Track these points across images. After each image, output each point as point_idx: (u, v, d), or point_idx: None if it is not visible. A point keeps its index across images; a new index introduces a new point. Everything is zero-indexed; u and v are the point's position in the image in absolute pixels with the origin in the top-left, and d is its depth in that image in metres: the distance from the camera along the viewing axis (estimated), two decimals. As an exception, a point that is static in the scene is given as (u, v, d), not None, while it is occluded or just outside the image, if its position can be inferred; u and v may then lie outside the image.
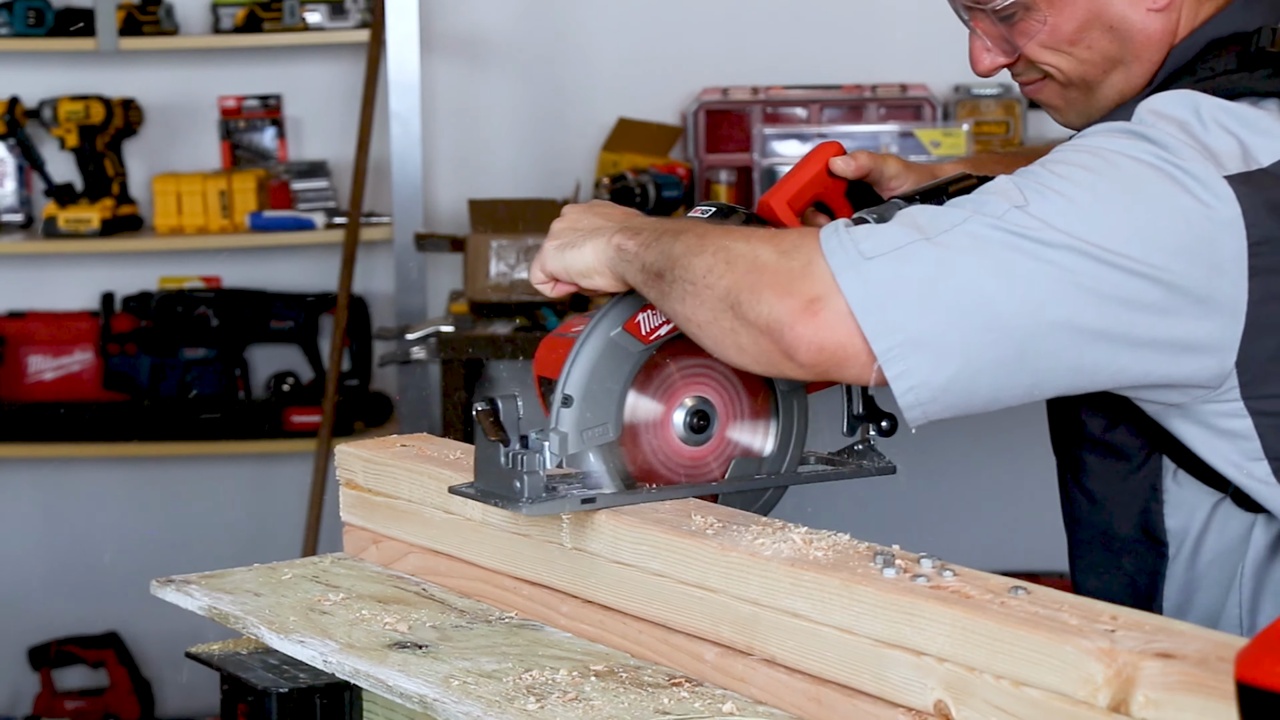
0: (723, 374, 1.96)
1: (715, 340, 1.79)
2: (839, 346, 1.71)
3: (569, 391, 1.87)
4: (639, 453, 1.93)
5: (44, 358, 5.03)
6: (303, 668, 1.91)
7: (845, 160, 2.04)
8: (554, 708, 1.68)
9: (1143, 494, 1.92)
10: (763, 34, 4.97)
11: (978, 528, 5.01)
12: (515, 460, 1.84)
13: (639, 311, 1.90)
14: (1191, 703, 1.38)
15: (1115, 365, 1.75)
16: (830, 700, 1.64)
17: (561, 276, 1.93)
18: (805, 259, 1.73)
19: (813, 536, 1.75)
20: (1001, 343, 1.71)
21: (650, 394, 1.94)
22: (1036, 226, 1.70)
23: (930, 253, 1.71)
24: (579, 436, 1.87)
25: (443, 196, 5.00)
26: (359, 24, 4.86)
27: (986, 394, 1.74)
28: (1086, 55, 1.92)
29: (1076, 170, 1.74)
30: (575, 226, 1.94)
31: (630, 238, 1.86)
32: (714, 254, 1.77)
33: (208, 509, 5.11)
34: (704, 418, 1.96)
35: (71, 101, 4.83)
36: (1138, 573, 1.92)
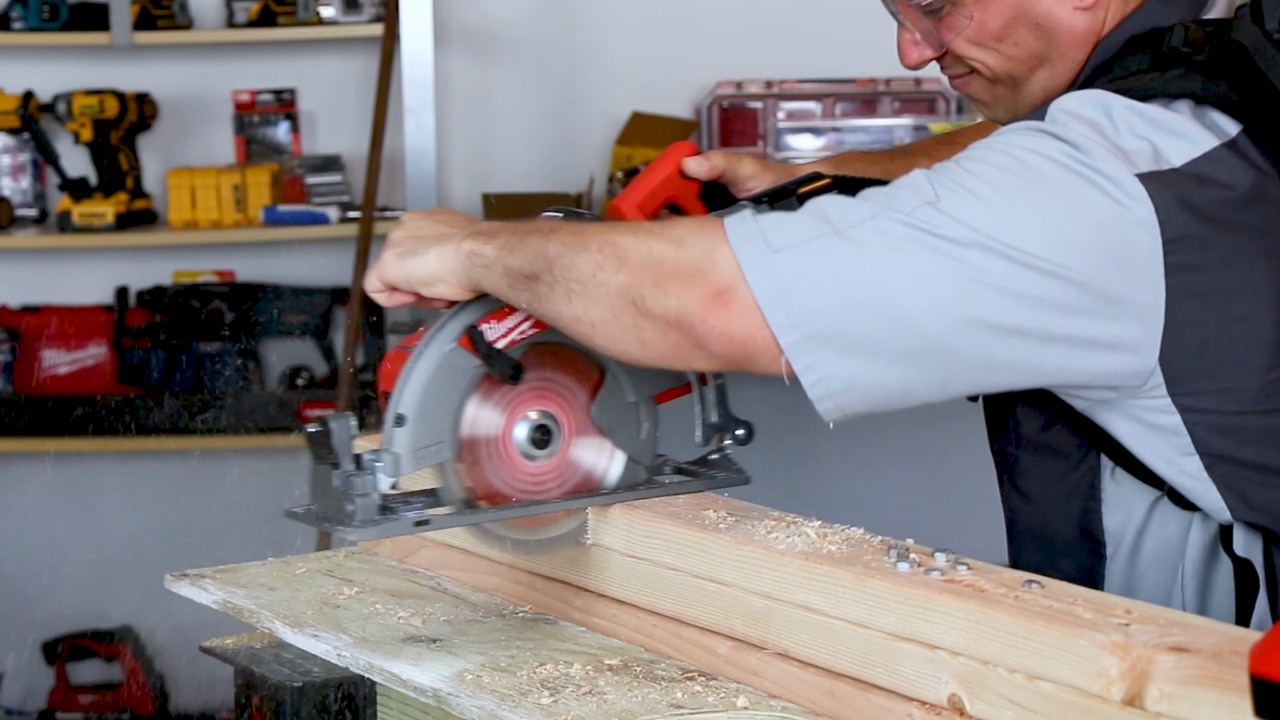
0: (565, 386, 1.91)
1: (611, 338, 1.74)
2: (749, 338, 1.69)
3: (401, 410, 1.81)
4: (478, 468, 1.87)
5: (58, 352, 5.04)
6: (317, 662, 1.91)
7: (698, 161, 2.02)
8: (568, 702, 1.68)
9: (1081, 493, 1.90)
10: (777, 28, 4.97)
11: (991, 522, 4.99)
12: (348, 483, 1.80)
13: (476, 324, 1.83)
14: (1205, 696, 1.38)
15: (1030, 361, 1.73)
16: (844, 694, 1.64)
17: (401, 285, 1.87)
18: (706, 248, 1.70)
19: (826, 530, 1.75)
20: (909, 338, 1.69)
21: (491, 408, 1.87)
22: (946, 224, 1.69)
23: (839, 247, 1.69)
24: (413, 456, 1.80)
25: (457, 190, 5.00)
26: (373, 18, 4.86)
27: (898, 388, 1.72)
28: (1013, 52, 1.91)
29: (989, 169, 1.73)
30: (416, 234, 1.89)
31: (485, 242, 1.81)
32: (599, 250, 1.73)
33: (222, 503, 5.11)
34: (546, 432, 1.89)
35: (86, 96, 4.83)
36: (1076, 573, 1.90)
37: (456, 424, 1.83)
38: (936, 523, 4.89)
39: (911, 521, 2.78)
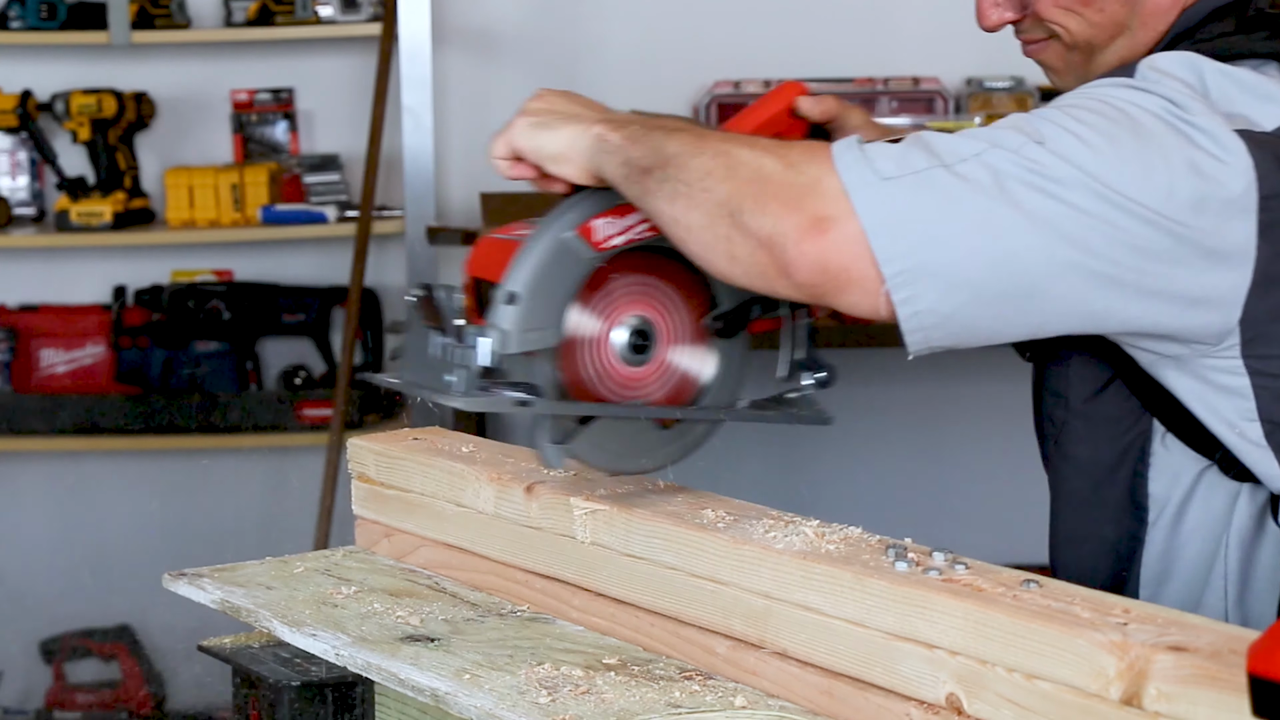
0: (667, 295, 1.88)
1: (704, 246, 1.72)
2: (842, 269, 1.66)
3: (514, 288, 1.76)
4: (574, 366, 1.84)
5: (56, 351, 5.04)
6: (315, 661, 1.91)
7: (812, 101, 1.99)
8: (565, 701, 1.68)
9: (1130, 458, 1.89)
10: (775, 26, 4.97)
11: (990, 521, 5.00)
12: (449, 352, 1.76)
13: (595, 216, 1.81)
14: (1204, 696, 1.38)
15: (1124, 313, 1.73)
16: (842, 693, 1.64)
17: (529, 156, 1.84)
18: (815, 174, 1.67)
19: (825, 530, 1.75)
20: (1013, 278, 1.68)
21: (593, 308, 1.85)
22: (1054, 163, 1.67)
23: (947, 180, 1.67)
24: (520, 336, 1.76)
25: (455, 190, 5.00)
26: (371, 17, 4.86)
27: (989, 327, 1.71)
28: (1097, 18, 1.91)
29: (1093, 115, 1.71)
30: (553, 109, 1.87)
31: (614, 130, 1.78)
32: (714, 157, 1.71)
33: (220, 502, 5.12)
34: (645, 337, 1.87)
35: (84, 95, 4.83)
36: (1117, 540, 1.90)
37: (563, 312, 1.80)
38: (935, 522, 4.89)
39: (910, 521, 2.79)
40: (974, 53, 4.92)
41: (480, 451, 2.12)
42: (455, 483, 2.06)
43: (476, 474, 2.03)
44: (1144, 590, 1.90)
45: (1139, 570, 1.91)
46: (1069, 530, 1.96)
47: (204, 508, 5.12)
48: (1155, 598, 1.89)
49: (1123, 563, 1.90)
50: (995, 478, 4.95)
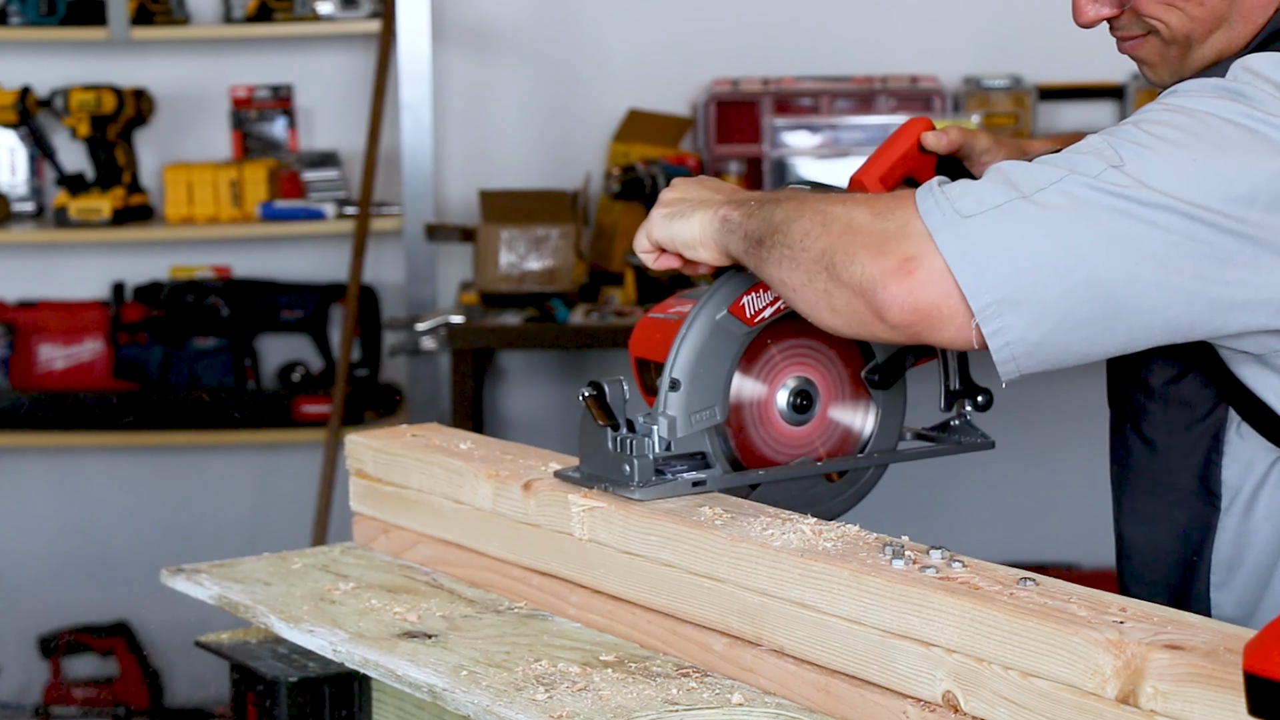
0: (824, 354, 2.00)
1: (810, 303, 1.79)
2: (933, 306, 1.71)
3: (676, 375, 1.88)
4: (743, 434, 1.96)
5: (54, 347, 5.04)
6: (312, 657, 1.91)
7: (936, 135, 2.04)
8: (562, 698, 1.68)
9: (1204, 444, 1.91)
10: (773, 25, 4.97)
11: (986, 519, 5.01)
12: (624, 445, 1.87)
13: (744, 294, 1.91)
14: (1200, 694, 1.38)
15: (1211, 324, 1.75)
16: (839, 691, 1.64)
17: (667, 246, 1.94)
18: (901, 220, 1.73)
19: (822, 527, 1.75)
20: (1098, 301, 1.71)
21: (754, 375, 1.96)
22: (1133, 185, 1.70)
23: (1027, 211, 1.71)
24: (687, 419, 1.88)
25: (453, 187, 5.00)
26: (370, 14, 4.86)
27: (1080, 350, 1.75)
28: (1197, 12, 1.90)
29: (1170, 130, 1.73)
30: (685, 197, 1.95)
31: (735, 209, 1.87)
32: (811, 217, 1.78)
33: (218, 498, 5.12)
34: (806, 397, 1.98)
35: (83, 91, 4.83)
36: (1190, 524, 1.93)
37: (727, 390, 1.91)
38: (932, 520, 4.89)
39: (907, 519, 2.79)
40: (972, 51, 4.92)
41: (478, 448, 2.12)
42: (453, 479, 2.06)
43: (474, 471, 2.03)
44: (1215, 575, 1.93)
45: (1210, 555, 1.93)
46: (1141, 511, 1.98)
47: (202, 504, 5.12)
48: (1226, 583, 1.92)
49: (1193, 547, 1.93)
50: (993, 476, 4.95)
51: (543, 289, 4.42)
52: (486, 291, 4.44)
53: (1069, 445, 4.85)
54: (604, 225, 4.73)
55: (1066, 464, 4.88)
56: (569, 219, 4.47)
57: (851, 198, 1.82)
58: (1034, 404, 4.81)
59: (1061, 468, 4.90)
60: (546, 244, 4.41)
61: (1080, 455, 4.89)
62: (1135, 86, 4.79)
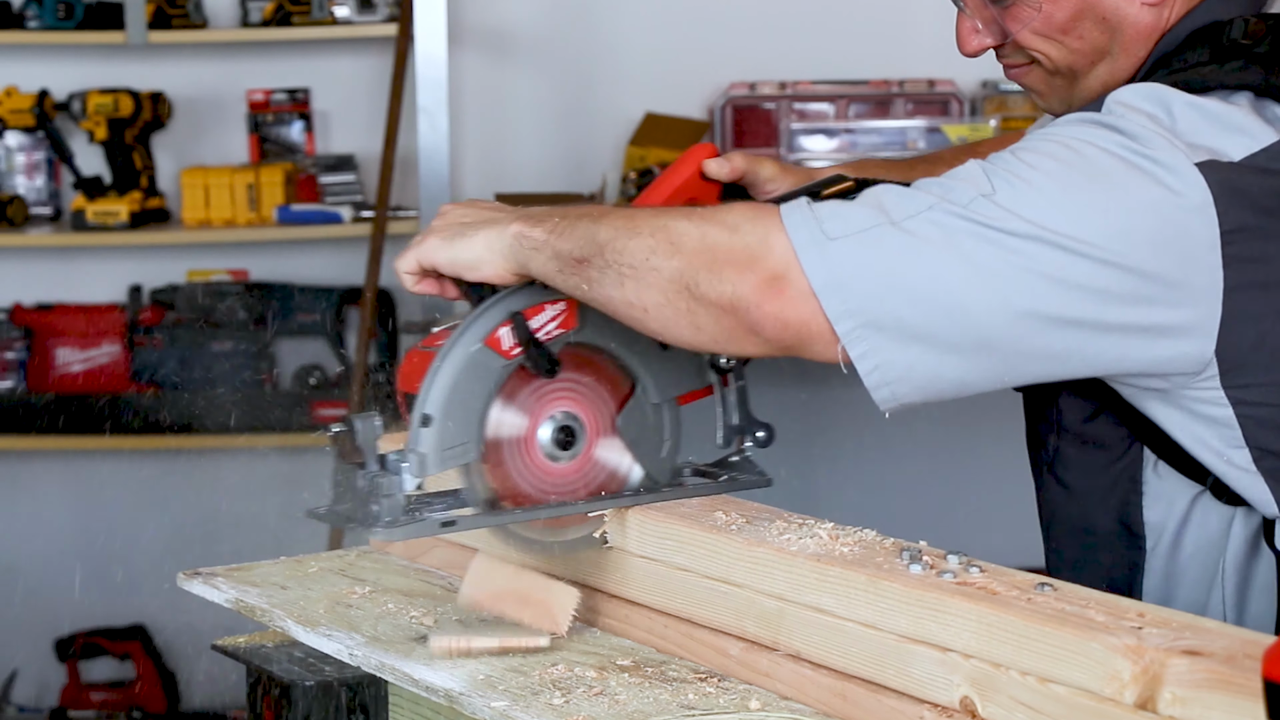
0: (588, 388, 1.92)
1: (664, 323, 1.75)
2: (802, 324, 1.69)
3: (428, 411, 1.80)
4: (502, 469, 1.87)
5: (72, 350, 5.04)
6: (329, 661, 1.91)
7: (719, 162, 2.01)
8: (579, 702, 1.68)
9: (1122, 486, 1.90)
10: (790, 29, 4.97)
11: (1004, 524, 4.99)
12: (374, 483, 1.80)
13: (499, 326, 1.83)
14: (1218, 700, 1.38)
15: (1088, 352, 1.74)
16: (855, 696, 1.64)
17: (446, 269, 1.87)
18: (761, 234, 1.71)
19: (839, 532, 1.75)
20: (966, 330, 1.70)
21: (515, 409, 1.87)
22: (1003, 216, 1.69)
23: (895, 238, 1.69)
24: (439, 457, 1.80)
25: (470, 191, 5.00)
26: (387, 18, 4.86)
27: (954, 378, 1.72)
28: (1077, 45, 1.90)
29: (1045, 160, 1.73)
30: (461, 221, 1.89)
31: (534, 225, 1.81)
32: (652, 235, 1.74)
33: (234, 502, 5.12)
34: (570, 434, 1.90)
35: (100, 94, 4.84)
36: (1114, 567, 1.91)
37: (482, 425, 1.83)
38: (949, 525, 4.89)
39: (924, 523, 2.78)
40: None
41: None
42: (470, 483, 2.06)
43: (491, 475, 2.03)
44: None
45: (1139, 596, 1.91)
46: (1066, 557, 1.97)
47: (218, 507, 5.12)
48: None
49: (1121, 590, 1.90)
50: (1010, 481, 4.93)
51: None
52: (503, 295, 4.43)
53: (1086, 449, 4.85)
54: (620, 229, 4.73)
55: (1083, 468, 4.87)
56: (585, 223, 4.46)
57: (694, 212, 1.77)
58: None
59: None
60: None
61: (1097, 459, 4.89)
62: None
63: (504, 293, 1.84)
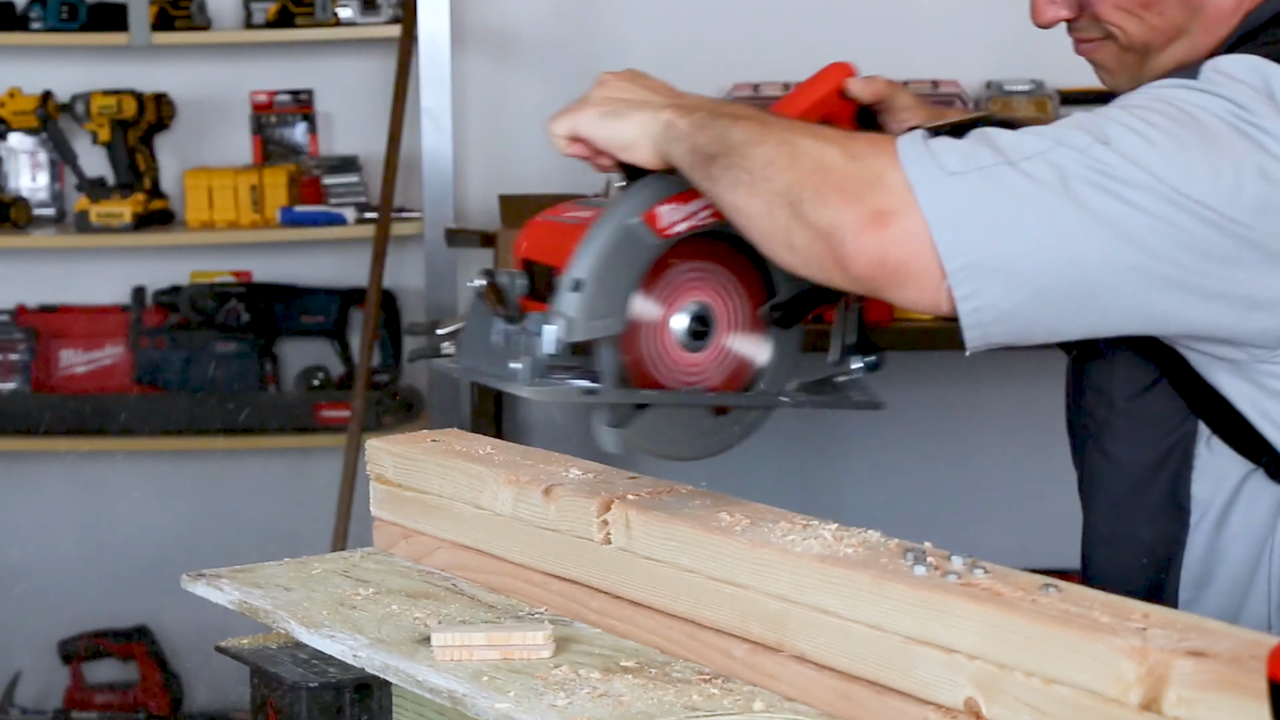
0: (727, 282, 1.89)
1: (764, 234, 1.73)
2: (901, 263, 1.66)
3: (580, 275, 1.76)
4: (635, 353, 1.85)
5: (75, 351, 5.05)
6: (332, 662, 1.91)
7: (861, 82, 1.98)
8: (583, 703, 1.68)
9: (1173, 459, 1.89)
10: (794, 28, 4.97)
11: (1009, 525, 5.00)
12: (513, 340, 1.77)
13: (659, 203, 1.81)
14: (1224, 701, 1.38)
15: (1185, 316, 1.72)
16: (860, 697, 1.64)
17: (600, 144, 1.85)
18: (879, 168, 1.67)
19: (843, 533, 1.75)
20: (1074, 278, 1.67)
21: (653, 294, 1.85)
22: (1120, 164, 1.67)
23: (1013, 178, 1.66)
24: (586, 323, 1.76)
25: (473, 191, 5.01)
26: (390, 19, 4.86)
27: (1049, 325, 1.71)
28: (1157, 21, 1.89)
29: (1157, 116, 1.70)
30: (620, 96, 1.87)
31: (683, 115, 1.79)
32: (777, 146, 1.71)
33: (238, 503, 5.12)
34: (704, 324, 1.88)
35: (104, 96, 4.84)
36: (1156, 542, 1.89)
37: (628, 299, 1.81)
38: (953, 526, 4.89)
39: (928, 525, 2.78)
40: (993, 55, 4.91)
41: (498, 453, 2.12)
42: (473, 485, 2.06)
43: (495, 476, 2.03)
44: (1183, 593, 1.90)
45: (1178, 573, 1.90)
46: (1105, 531, 1.95)
47: (222, 509, 5.12)
48: (1194, 601, 1.89)
49: (1160, 566, 1.90)
50: (1015, 482, 4.95)
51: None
52: (507, 296, 4.43)
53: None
54: (624, 230, 4.73)
55: (1088, 469, 4.87)
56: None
57: (822, 132, 1.75)
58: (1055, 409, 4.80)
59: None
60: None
61: (1101, 460, 4.89)
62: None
63: (662, 171, 1.82)
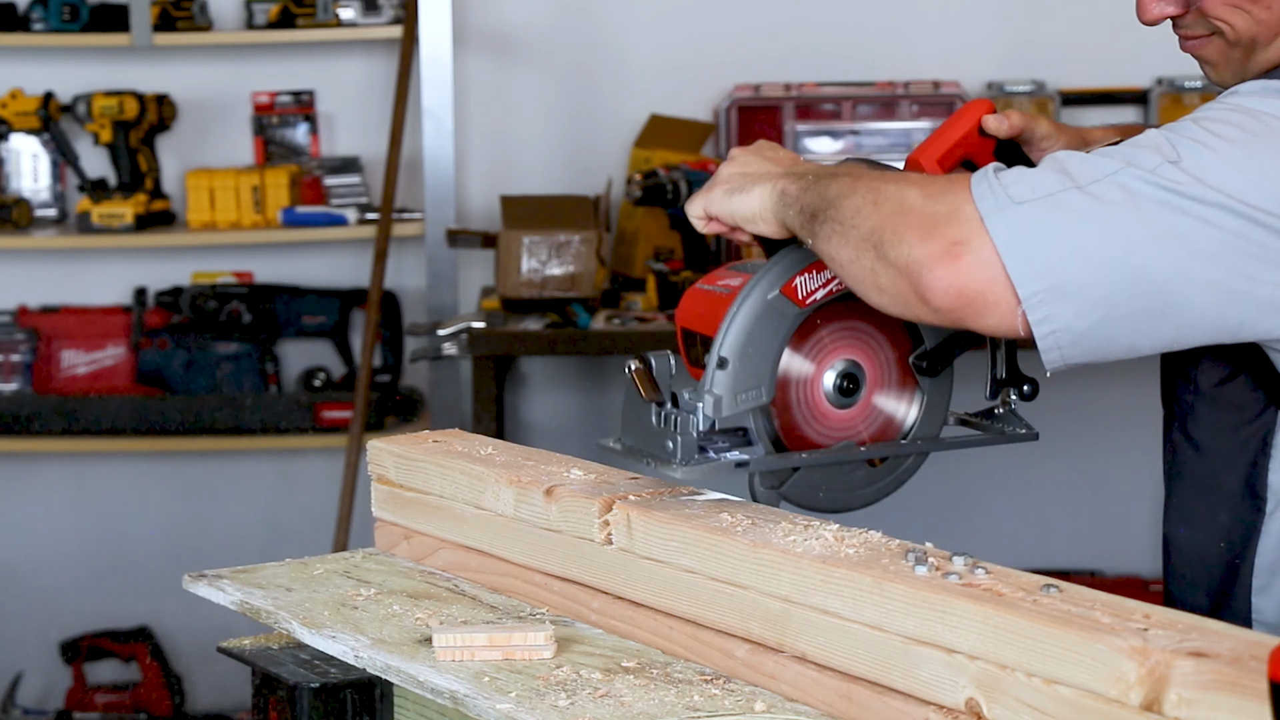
0: (873, 337, 1.98)
1: (856, 280, 1.79)
2: (978, 292, 1.71)
3: (725, 354, 1.86)
4: (787, 414, 1.94)
5: (77, 352, 5.05)
6: (334, 663, 1.91)
7: (998, 118, 2.02)
8: (584, 704, 1.68)
9: (1252, 447, 1.91)
10: (795, 30, 4.97)
11: (1009, 526, 5.00)
12: (668, 420, 1.85)
13: (797, 274, 1.89)
14: (1224, 702, 1.38)
15: (1261, 325, 1.75)
16: (861, 698, 1.64)
17: (726, 220, 1.93)
18: (953, 203, 1.73)
19: (844, 534, 1.75)
20: (1146, 296, 1.71)
21: (801, 355, 1.94)
22: (1189, 182, 1.70)
23: (1081, 201, 1.71)
24: (733, 399, 1.86)
25: (475, 192, 5.01)
26: (392, 20, 4.86)
27: (1125, 343, 1.74)
28: (1264, 15, 1.90)
29: (1229, 129, 1.73)
30: (744, 171, 1.94)
31: (794, 182, 1.87)
32: (864, 195, 1.78)
33: (239, 504, 5.13)
34: (853, 380, 1.97)
35: (106, 97, 4.84)
36: (1233, 527, 1.92)
37: (774, 370, 1.89)
38: (955, 527, 4.89)
39: (929, 525, 2.78)
40: (994, 56, 4.91)
41: (500, 454, 2.12)
42: (475, 485, 2.06)
43: (496, 476, 2.03)
44: (1258, 578, 1.92)
45: (1253, 559, 1.92)
46: (1186, 510, 1.98)
47: (224, 509, 5.13)
48: (1268, 587, 1.92)
49: (1236, 551, 1.93)
50: (1016, 483, 4.95)
51: (564, 295, 4.42)
52: (508, 297, 4.44)
53: (1093, 453, 4.85)
54: (626, 231, 4.73)
55: (1090, 471, 4.87)
56: (591, 224, 4.47)
57: (905, 177, 1.81)
58: (1058, 411, 4.80)
59: (1085, 475, 4.89)
60: (568, 249, 4.42)
61: (1104, 463, 4.89)
62: (1158, 92, 4.78)
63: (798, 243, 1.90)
